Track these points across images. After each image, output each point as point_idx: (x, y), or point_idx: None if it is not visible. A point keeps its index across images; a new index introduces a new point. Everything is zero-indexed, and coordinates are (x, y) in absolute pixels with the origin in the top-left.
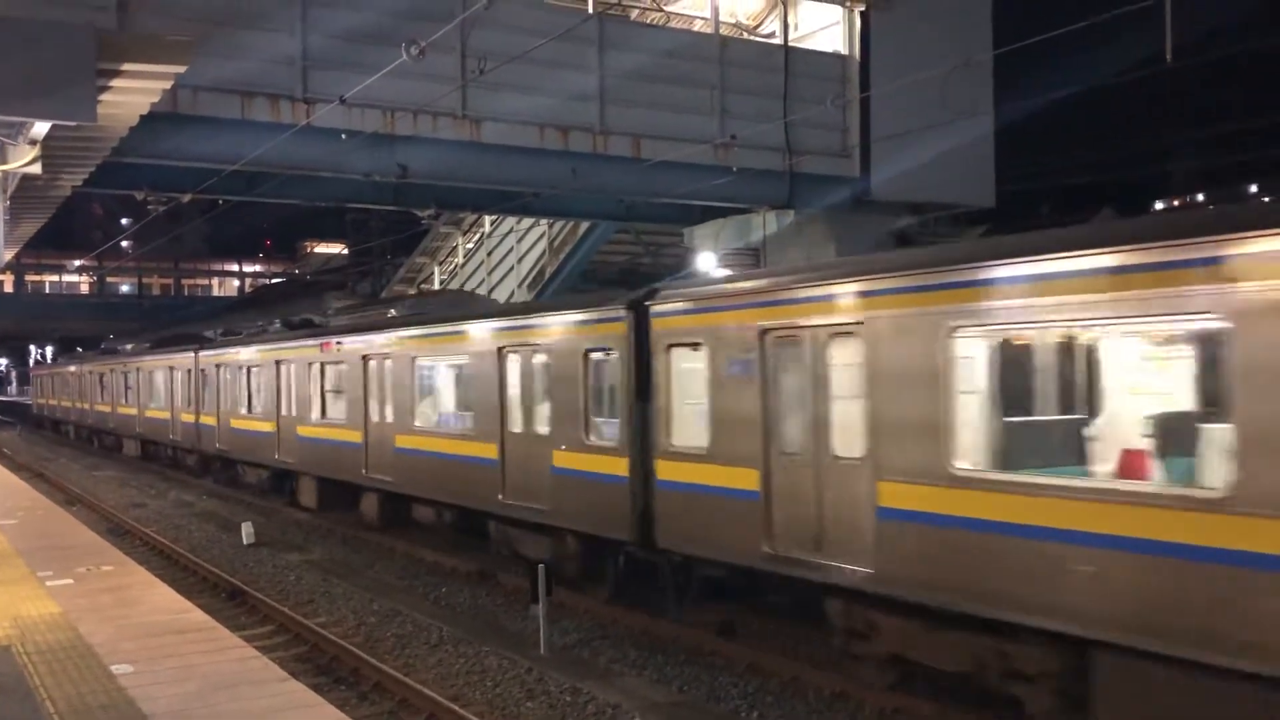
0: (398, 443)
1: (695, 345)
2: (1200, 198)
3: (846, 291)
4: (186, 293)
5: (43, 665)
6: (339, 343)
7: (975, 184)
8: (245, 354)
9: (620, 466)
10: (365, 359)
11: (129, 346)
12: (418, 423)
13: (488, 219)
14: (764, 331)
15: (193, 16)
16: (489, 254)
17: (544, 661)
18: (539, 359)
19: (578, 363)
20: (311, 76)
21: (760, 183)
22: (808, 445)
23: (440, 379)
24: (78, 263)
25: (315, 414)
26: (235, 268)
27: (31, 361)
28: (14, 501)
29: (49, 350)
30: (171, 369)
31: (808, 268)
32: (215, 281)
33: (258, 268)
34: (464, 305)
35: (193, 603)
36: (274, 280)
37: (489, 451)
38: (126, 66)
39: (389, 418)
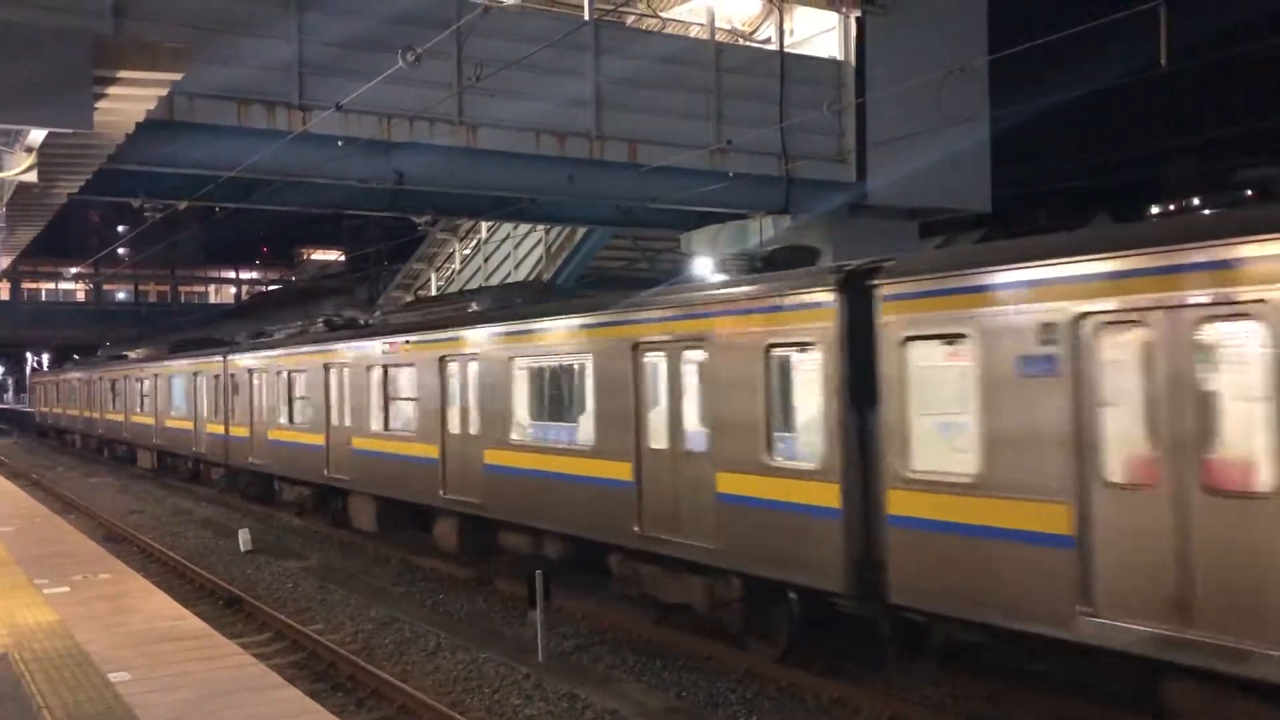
0: (487, 459)
1: (954, 338)
2: (1195, 201)
3: (1245, 256)
4: (183, 300)
5: (40, 673)
6: (407, 342)
7: (972, 188)
8: (286, 358)
9: (827, 495)
10: (443, 360)
11: (137, 352)
12: (514, 435)
13: (484, 225)
14: (1081, 316)
15: (189, 23)
16: (485, 260)
17: (542, 668)
18: (694, 358)
19: (756, 362)
20: (308, 83)
21: (757, 188)
22: (1163, 476)
23: (546, 384)
24: (74, 270)
25: (376, 425)
26: (232, 274)
27: (29, 369)
28: (11, 509)
29: (44, 358)
30: (196, 375)
31: (1156, 227)
32: (212, 288)
33: (254, 274)
34: (554, 297)
35: (190, 610)
36: (270, 287)
37: (618, 471)
38: (123, 73)
39: (474, 429)
